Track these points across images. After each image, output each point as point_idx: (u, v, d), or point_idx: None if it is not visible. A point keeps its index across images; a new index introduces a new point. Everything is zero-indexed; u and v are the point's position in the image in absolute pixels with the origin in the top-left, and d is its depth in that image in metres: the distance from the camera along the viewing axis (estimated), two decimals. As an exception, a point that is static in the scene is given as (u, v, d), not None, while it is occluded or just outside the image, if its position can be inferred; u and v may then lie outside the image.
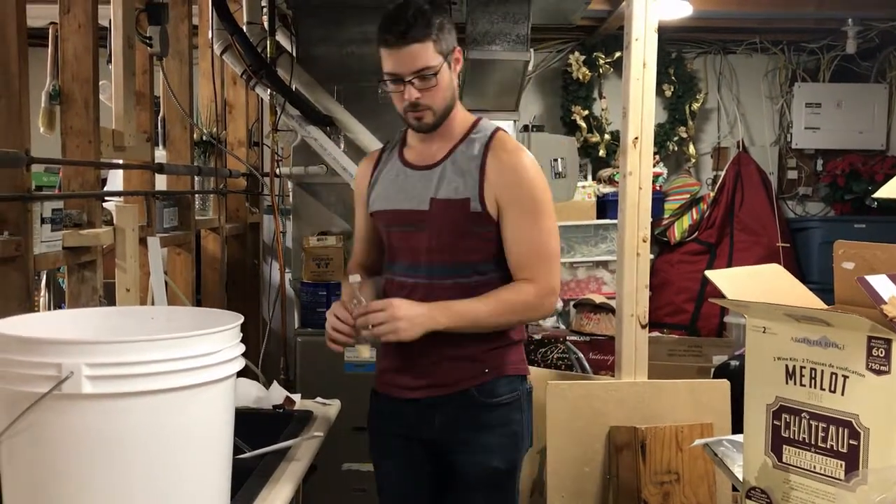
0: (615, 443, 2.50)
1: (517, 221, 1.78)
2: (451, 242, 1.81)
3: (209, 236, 3.56)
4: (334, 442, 2.18)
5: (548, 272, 1.80)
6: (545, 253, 1.80)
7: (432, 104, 1.77)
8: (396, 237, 1.88)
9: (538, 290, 1.79)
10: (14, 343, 1.10)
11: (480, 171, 1.78)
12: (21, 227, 1.89)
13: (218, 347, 1.17)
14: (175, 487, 1.13)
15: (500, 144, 1.81)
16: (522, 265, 1.79)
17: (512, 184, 1.78)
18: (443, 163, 1.82)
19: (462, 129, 1.85)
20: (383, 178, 1.91)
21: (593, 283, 4.81)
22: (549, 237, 1.81)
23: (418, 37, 1.72)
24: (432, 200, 1.81)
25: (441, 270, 1.82)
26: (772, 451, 1.44)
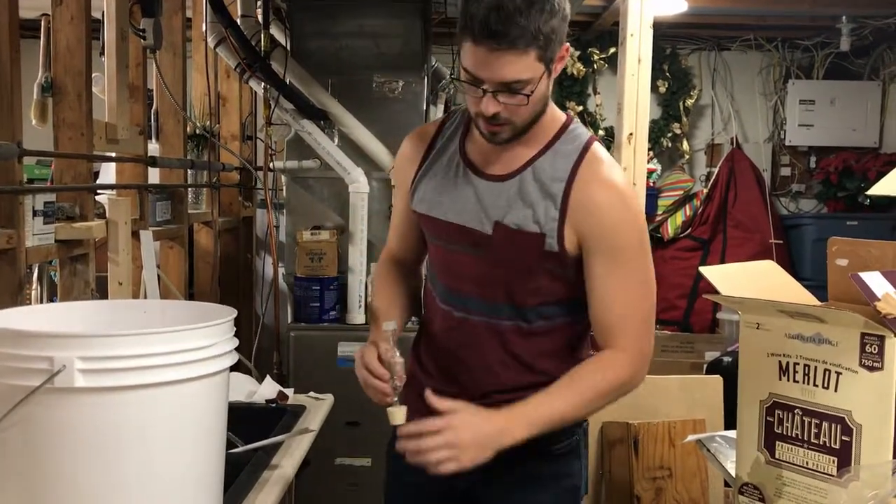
0: (608, 438, 2.50)
1: (607, 277, 1.42)
2: (513, 280, 1.46)
3: (202, 230, 3.55)
4: (327, 437, 2.17)
5: (641, 337, 1.45)
6: (640, 315, 1.45)
7: (516, 119, 1.38)
8: (444, 255, 1.53)
9: (631, 363, 1.44)
10: (6, 336, 1.09)
11: (564, 201, 1.40)
12: (13, 220, 1.88)
13: (212, 341, 1.17)
14: (168, 482, 1.13)
15: (593, 167, 1.42)
16: (611, 330, 1.43)
17: (604, 227, 1.40)
18: (519, 175, 1.44)
19: (549, 133, 1.45)
20: (435, 174, 1.51)
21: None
22: (645, 294, 1.46)
23: (519, 45, 1.29)
24: (497, 225, 1.43)
25: (495, 310, 1.48)
26: (765, 446, 1.45)
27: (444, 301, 1.53)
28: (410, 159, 1.57)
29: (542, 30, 1.29)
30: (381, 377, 1.41)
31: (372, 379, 1.42)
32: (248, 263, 4.22)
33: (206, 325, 1.17)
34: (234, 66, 3.18)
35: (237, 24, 3.08)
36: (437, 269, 1.56)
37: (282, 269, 3.51)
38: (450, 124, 1.56)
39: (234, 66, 3.18)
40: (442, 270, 1.54)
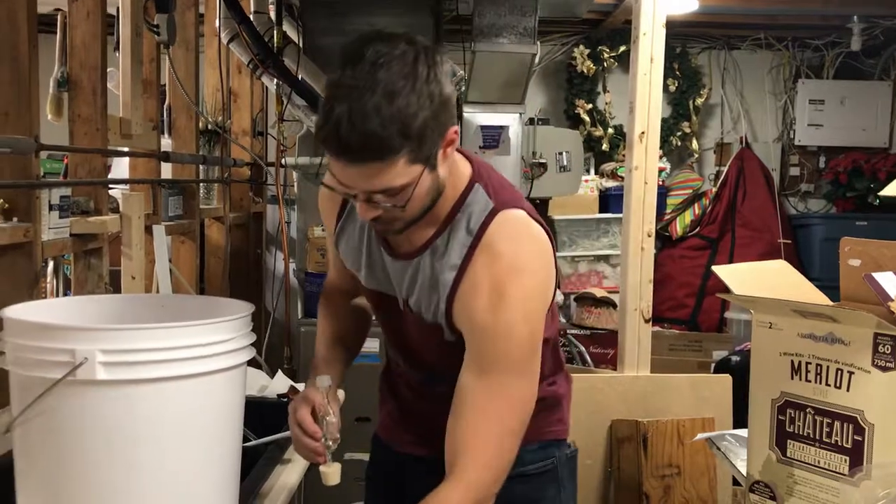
0: (617, 436, 2.51)
1: (464, 386, 1.22)
2: (435, 355, 1.35)
3: (213, 225, 3.56)
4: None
5: (488, 465, 1.20)
6: (493, 439, 1.20)
7: (400, 217, 1.20)
8: (378, 319, 1.45)
9: (464, 499, 1.19)
10: (28, 328, 1.10)
11: (451, 294, 1.24)
12: (30, 214, 1.89)
13: (230, 335, 1.18)
14: (186, 473, 1.14)
15: (487, 252, 1.22)
16: (455, 451, 1.21)
17: (473, 330, 1.22)
18: (419, 257, 1.28)
19: (447, 207, 1.26)
20: (353, 235, 1.38)
21: (594, 278, 4.83)
22: (503, 416, 1.21)
23: (374, 157, 1.09)
24: (405, 304, 1.33)
25: (439, 375, 1.35)
26: (776, 445, 1.45)
27: (390, 348, 1.48)
28: (330, 206, 1.42)
29: (411, 130, 1.08)
30: (314, 435, 1.31)
31: (304, 437, 1.32)
32: (258, 259, 4.24)
33: (225, 319, 1.19)
34: (246, 62, 3.19)
35: (250, 21, 3.09)
36: (377, 319, 1.47)
37: (292, 264, 3.52)
38: None
39: (246, 62, 3.19)
40: (379, 321, 1.46)
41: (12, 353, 1.12)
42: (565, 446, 1.46)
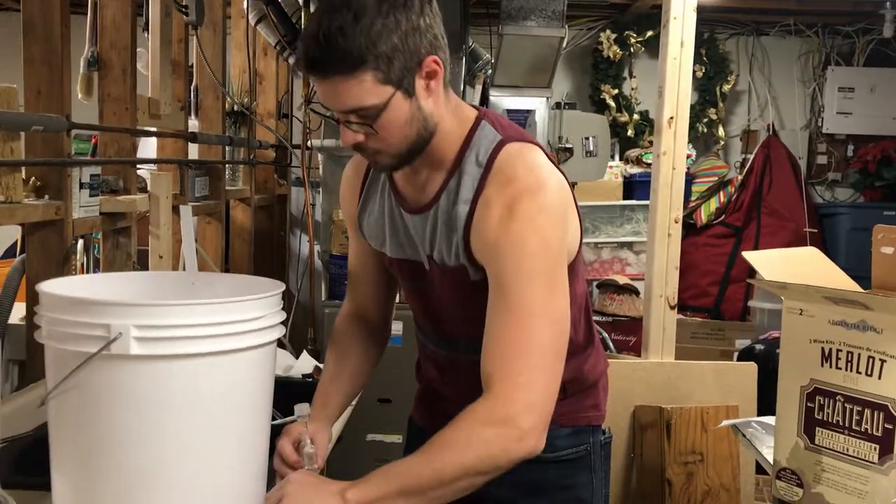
0: (640, 422, 2.51)
1: (490, 309, 1.20)
2: (462, 315, 1.32)
3: (238, 206, 3.58)
4: (360, 413, 2.20)
5: (513, 377, 1.14)
6: (525, 354, 1.15)
7: (383, 149, 1.22)
8: (405, 291, 1.43)
9: (507, 416, 1.12)
10: (63, 303, 1.11)
11: (467, 226, 1.23)
12: (61, 192, 1.91)
13: (262, 313, 1.18)
14: (218, 448, 1.15)
15: (499, 178, 1.22)
16: (488, 373, 1.17)
17: (487, 248, 1.20)
18: (436, 204, 1.28)
19: (454, 149, 1.26)
20: (373, 205, 1.39)
21: (617, 264, 4.81)
22: (532, 328, 1.16)
23: (344, 71, 1.13)
24: (430, 260, 1.31)
25: (453, 346, 1.37)
26: (804, 432, 1.45)
27: (419, 330, 1.46)
28: (351, 188, 1.43)
29: (377, 49, 1.12)
30: (294, 465, 1.33)
31: (284, 468, 1.33)
32: (282, 240, 4.26)
33: (258, 297, 1.19)
34: (273, 43, 3.19)
35: (278, 2, 3.09)
36: (412, 307, 1.45)
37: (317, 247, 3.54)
38: None
39: (273, 43, 3.19)
40: (408, 302, 1.44)
41: (48, 326, 1.13)
42: (600, 433, 1.42)
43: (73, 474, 1.14)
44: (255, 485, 1.24)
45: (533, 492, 1.32)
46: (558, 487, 1.35)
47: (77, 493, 1.13)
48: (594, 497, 1.39)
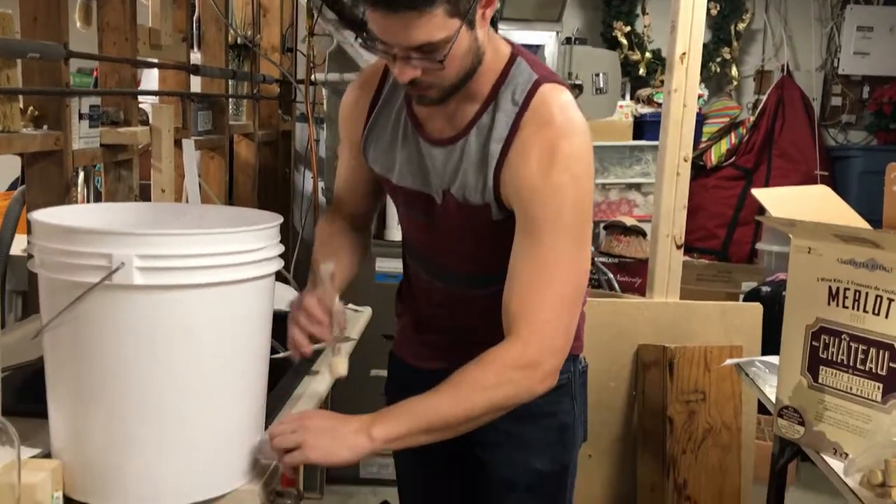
0: (643, 360, 2.51)
1: (518, 252, 1.22)
2: (470, 252, 1.34)
3: (242, 142, 3.55)
4: (363, 349, 2.20)
5: (546, 328, 1.19)
6: (549, 301, 1.20)
7: (438, 83, 1.20)
8: (405, 218, 1.43)
9: (528, 359, 1.19)
10: (63, 232, 1.09)
11: (499, 165, 1.23)
12: (60, 122, 1.88)
13: (263, 244, 1.17)
14: (217, 379, 1.15)
15: (535, 119, 1.22)
16: (512, 315, 1.21)
17: (523, 192, 1.21)
18: (464, 138, 1.27)
19: (490, 82, 1.25)
20: (384, 131, 1.36)
21: (625, 206, 4.78)
22: (560, 277, 1.20)
23: (418, 6, 1.10)
24: (446, 194, 1.30)
25: (456, 279, 1.39)
26: (808, 371, 1.44)
27: (412, 260, 1.46)
28: (357, 111, 1.41)
29: None
30: (321, 322, 1.29)
31: (311, 326, 1.30)
32: (287, 177, 4.23)
33: (260, 227, 1.18)
34: (277, -26, 3.11)
35: (281, -70, 3.01)
36: (402, 229, 1.47)
37: (321, 183, 3.51)
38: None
39: (277, -26, 3.11)
40: (405, 232, 1.46)
41: (43, 256, 1.11)
42: (579, 362, 1.48)
43: (70, 406, 1.14)
44: (255, 415, 1.24)
45: (519, 419, 1.33)
46: (543, 414, 1.39)
47: (74, 424, 1.13)
48: (575, 421, 1.45)
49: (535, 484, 1.42)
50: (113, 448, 1.11)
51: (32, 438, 1.18)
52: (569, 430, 1.44)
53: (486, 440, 1.38)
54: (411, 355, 1.54)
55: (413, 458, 1.54)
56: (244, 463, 1.22)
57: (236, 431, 1.20)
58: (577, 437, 1.46)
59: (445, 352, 1.43)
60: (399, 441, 1.16)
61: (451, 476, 1.55)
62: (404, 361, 1.56)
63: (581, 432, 1.48)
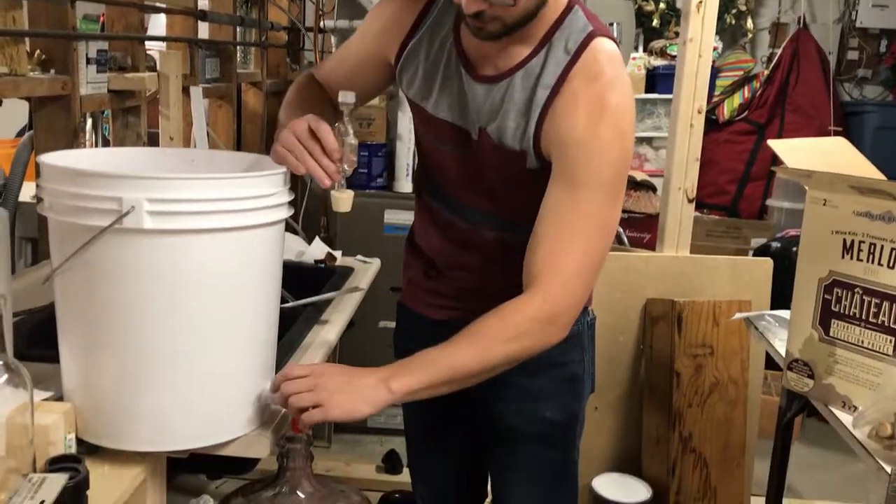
0: (651, 315, 2.51)
1: (553, 206, 1.20)
2: (499, 190, 1.32)
3: (249, 91, 3.51)
4: (372, 300, 2.20)
5: (567, 288, 1.20)
6: (576, 262, 1.19)
7: (502, 18, 1.18)
8: (432, 150, 1.39)
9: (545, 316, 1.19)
10: (72, 175, 1.08)
11: (543, 113, 1.21)
12: (67, 67, 1.86)
13: (274, 190, 1.16)
14: (226, 326, 1.15)
15: (585, 72, 1.20)
16: (536, 269, 1.20)
17: (568, 147, 1.19)
18: (509, 78, 1.24)
19: (546, 25, 1.23)
20: (426, 57, 1.32)
21: (635, 160, 4.73)
22: (591, 239, 1.20)
23: None
24: (482, 132, 1.28)
25: (481, 217, 1.35)
26: (819, 324, 1.43)
27: (432, 196, 1.42)
28: (397, 23, 1.34)
29: None
30: (332, 153, 1.18)
31: (322, 157, 1.18)
32: (295, 128, 4.18)
33: (269, 173, 1.17)
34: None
35: None
36: (426, 162, 1.42)
37: (330, 133, 3.48)
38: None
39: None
40: (430, 165, 1.40)
41: (52, 199, 1.11)
42: (588, 314, 1.48)
43: (81, 349, 1.14)
44: (265, 362, 1.25)
45: (530, 370, 1.34)
46: (554, 364, 1.40)
47: (85, 368, 1.14)
48: (585, 372, 1.46)
49: (545, 433, 1.43)
50: (123, 391, 1.12)
51: (44, 383, 1.19)
52: (579, 381, 1.45)
53: (496, 391, 1.38)
54: (420, 304, 1.52)
55: (421, 409, 1.54)
56: (254, 408, 1.22)
57: (246, 377, 1.20)
58: (585, 388, 1.47)
59: (455, 301, 1.44)
60: (417, 393, 1.16)
61: (459, 426, 1.55)
62: (412, 310, 1.55)
63: (589, 383, 1.49)
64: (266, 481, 1.36)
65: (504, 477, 1.49)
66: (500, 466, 1.50)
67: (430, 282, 1.48)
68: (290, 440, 1.31)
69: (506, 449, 1.47)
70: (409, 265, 1.54)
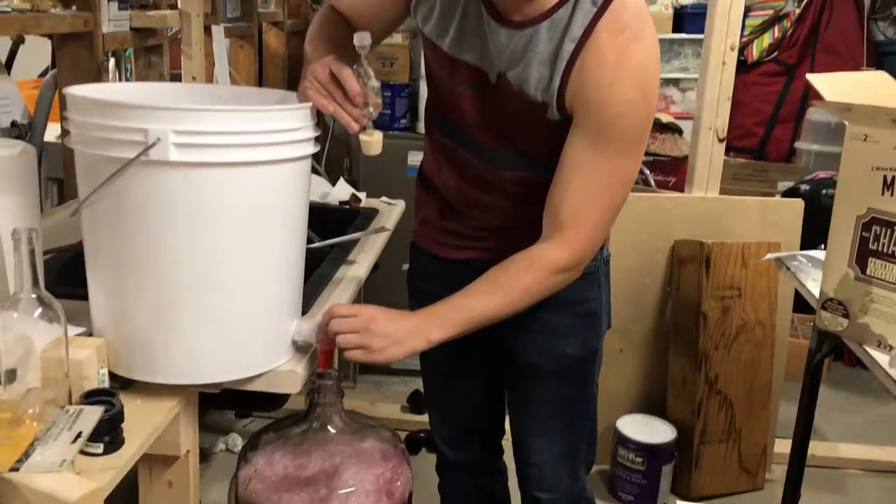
0: (679, 256, 2.49)
1: (578, 158, 1.21)
2: (517, 133, 1.30)
3: (271, 31, 3.47)
4: (396, 243, 2.19)
5: (588, 238, 1.25)
6: (599, 213, 1.24)
7: None
8: (446, 90, 1.35)
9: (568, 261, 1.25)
10: (98, 106, 1.07)
11: (569, 66, 1.19)
12: (89, 4, 1.84)
13: (299, 124, 1.14)
14: (256, 257, 1.14)
15: (611, 29, 1.17)
16: (559, 219, 1.23)
17: (595, 101, 1.18)
18: (534, 27, 1.21)
19: None
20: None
21: (661, 102, 4.65)
22: (614, 193, 1.24)
23: None
24: (501, 77, 1.26)
25: (499, 158, 1.34)
26: (856, 263, 1.40)
27: (446, 135, 1.40)
28: None
29: None
30: (355, 97, 1.18)
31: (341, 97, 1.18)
32: (316, 70, 4.14)
33: (296, 106, 1.15)
34: None
35: None
36: (439, 100, 1.38)
37: (352, 74, 3.44)
38: None
39: None
40: (443, 104, 1.37)
41: (78, 131, 1.10)
42: (604, 251, 1.48)
43: (110, 284, 1.14)
44: (292, 297, 1.24)
45: (550, 307, 1.35)
46: (573, 301, 1.41)
47: (114, 302, 1.14)
48: (602, 308, 1.47)
49: (564, 369, 1.44)
50: (154, 325, 1.12)
51: (75, 319, 1.19)
52: (597, 317, 1.47)
53: (516, 328, 1.39)
54: (434, 244, 1.51)
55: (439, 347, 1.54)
56: (283, 343, 1.22)
57: (275, 311, 1.20)
58: (603, 324, 1.49)
59: (471, 241, 1.43)
60: (449, 339, 1.24)
61: (478, 363, 1.55)
62: (426, 250, 1.53)
63: (606, 319, 1.50)
64: (296, 417, 1.37)
65: (523, 414, 1.50)
66: (520, 403, 1.51)
67: (444, 221, 1.46)
68: (321, 376, 1.31)
69: (525, 385, 1.48)
70: (421, 203, 1.52)
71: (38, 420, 0.97)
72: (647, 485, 2.44)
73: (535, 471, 1.51)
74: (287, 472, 1.28)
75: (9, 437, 0.92)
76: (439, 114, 1.40)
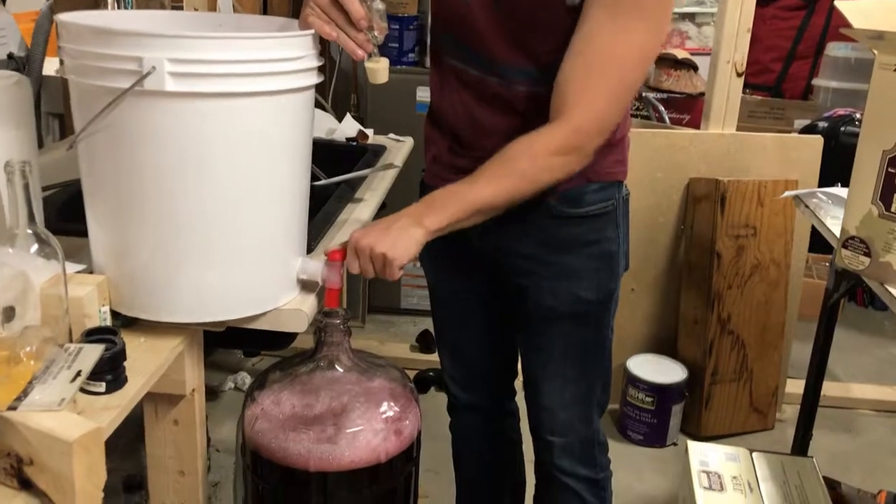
0: (694, 194, 2.43)
1: (593, 22, 1.13)
2: (532, 37, 1.21)
3: (275, -37, 3.36)
4: (404, 181, 2.15)
5: (592, 110, 1.16)
6: (610, 79, 1.15)
7: None
8: (454, 3, 1.27)
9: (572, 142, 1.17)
10: (90, 33, 1.02)
11: None
12: (83, -71, 1.76)
13: (301, 53, 1.09)
14: (258, 192, 1.10)
15: None
16: (566, 88, 1.16)
17: None
18: None
19: None
20: None
21: (676, 38, 4.53)
22: (630, 63, 1.15)
23: None
24: None
25: (511, 71, 1.25)
26: (880, 199, 1.35)
27: (453, 56, 1.32)
28: None
29: None
30: (359, 21, 1.12)
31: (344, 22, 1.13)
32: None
33: (298, 34, 1.09)
34: None
35: None
36: (448, 18, 1.30)
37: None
38: None
39: None
40: (451, 19, 1.29)
41: (72, 61, 1.05)
42: (623, 188, 1.40)
43: (109, 219, 1.11)
44: (297, 234, 1.21)
45: (560, 248, 1.32)
46: (587, 242, 1.35)
47: (114, 237, 1.11)
48: (619, 249, 1.39)
49: (579, 312, 1.39)
50: (155, 261, 1.09)
51: (75, 256, 1.16)
52: (613, 258, 1.39)
53: (528, 270, 1.35)
54: (443, 183, 1.39)
55: (450, 286, 1.52)
56: (288, 281, 1.19)
57: (279, 248, 1.17)
58: (620, 265, 1.42)
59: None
60: (446, 229, 1.18)
61: (489, 305, 1.51)
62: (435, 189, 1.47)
63: (624, 261, 1.43)
64: (303, 356, 1.35)
65: (535, 356, 1.46)
66: (532, 346, 1.46)
67: (455, 158, 1.39)
68: (328, 315, 1.29)
69: (537, 329, 1.43)
70: (431, 142, 1.46)
71: (36, 358, 0.94)
72: (656, 424, 2.43)
73: (547, 414, 1.47)
74: (294, 411, 1.27)
75: (7, 376, 0.90)
76: (447, 32, 1.32)
